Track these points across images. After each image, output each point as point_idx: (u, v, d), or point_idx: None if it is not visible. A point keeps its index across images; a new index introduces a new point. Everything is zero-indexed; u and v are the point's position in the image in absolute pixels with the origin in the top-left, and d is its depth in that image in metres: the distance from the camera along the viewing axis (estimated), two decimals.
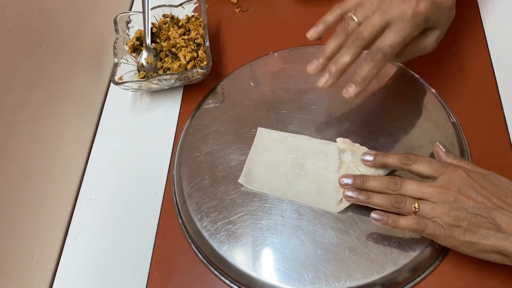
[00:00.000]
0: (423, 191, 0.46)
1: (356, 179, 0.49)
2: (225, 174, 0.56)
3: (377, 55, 0.49)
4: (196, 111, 0.63)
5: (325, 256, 0.48)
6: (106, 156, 0.63)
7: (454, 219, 0.43)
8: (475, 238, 0.43)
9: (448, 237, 0.44)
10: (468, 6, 0.67)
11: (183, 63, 0.63)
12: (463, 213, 0.43)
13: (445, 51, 0.63)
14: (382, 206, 0.47)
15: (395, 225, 0.46)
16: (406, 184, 0.46)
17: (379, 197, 0.47)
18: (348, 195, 0.49)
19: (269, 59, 0.66)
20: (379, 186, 0.48)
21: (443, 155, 0.50)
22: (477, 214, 0.43)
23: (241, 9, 0.74)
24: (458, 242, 0.43)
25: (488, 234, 0.42)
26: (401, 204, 0.46)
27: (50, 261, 0.56)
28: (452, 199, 0.44)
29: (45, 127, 0.56)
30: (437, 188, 0.45)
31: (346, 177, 0.50)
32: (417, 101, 0.58)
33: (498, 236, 0.42)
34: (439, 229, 0.44)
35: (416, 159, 0.48)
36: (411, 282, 0.48)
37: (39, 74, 0.55)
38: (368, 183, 0.48)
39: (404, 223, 0.45)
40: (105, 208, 0.58)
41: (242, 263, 0.50)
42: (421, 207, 0.45)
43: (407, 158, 0.48)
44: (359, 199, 0.48)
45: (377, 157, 0.50)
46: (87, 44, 0.66)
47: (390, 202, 0.46)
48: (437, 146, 0.51)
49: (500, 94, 0.58)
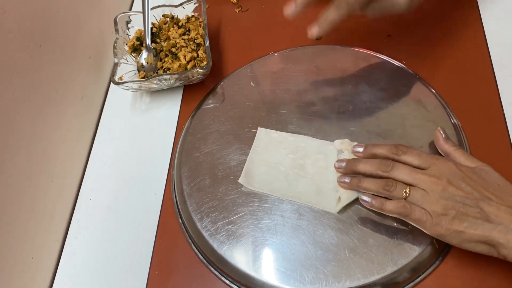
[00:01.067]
0: (414, 177, 0.46)
1: (348, 162, 0.51)
2: (225, 174, 0.56)
3: (341, 3, 0.51)
4: (196, 111, 0.63)
5: (325, 256, 0.48)
6: (106, 156, 0.63)
7: (443, 208, 0.43)
8: (462, 227, 0.43)
9: (434, 225, 0.44)
10: (468, 6, 0.67)
11: (183, 63, 0.63)
12: (451, 202, 0.43)
13: (445, 51, 0.63)
14: (372, 189, 0.48)
15: (381, 207, 0.47)
16: (398, 168, 0.47)
17: (369, 180, 0.48)
18: (341, 180, 0.50)
19: (269, 59, 0.66)
20: (371, 168, 0.49)
21: (442, 140, 0.50)
22: (466, 204, 0.43)
23: (241, 9, 0.74)
24: (445, 231, 0.43)
25: (476, 224, 0.42)
26: (391, 187, 0.46)
27: (50, 261, 0.56)
28: (441, 188, 0.44)
29: (45, 127, 0.56)
30: (428, 176, 0.45)
31: (340, 161, 0.52)
32: (417, 101, 0.58)
33: (485, 226, 0.42)
34: (426, 216, 0.44)
35: (406, 150, 0.48)
36: (411, 282, 0.48)
37: (39, 74, 0.55)
38: (360, 165, 0.50)
39: (391, 207, 0.46)
40: (105, 208, 0.58)
41: (242, 263, 0.50)
42: (412, 193, 0.45)
43: (397, 149, 0.48)
44: (352, 183, 0.49)
45: (367, 148, 0.51)
46: (87, 44, 0.66)
47: (381, 185, 0.47)
48: (438, 131, 0.51)
49: (500, 94, 0.58)
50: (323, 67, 0.63)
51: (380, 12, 0.53)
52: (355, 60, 0.63)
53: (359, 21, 0.68)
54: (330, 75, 0.62)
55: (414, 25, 0.66)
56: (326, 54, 0.64)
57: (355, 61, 0.63)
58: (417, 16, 0.67)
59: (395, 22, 0.67)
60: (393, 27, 0.67)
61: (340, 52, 0.64)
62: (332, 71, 0.62)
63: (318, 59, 0.64)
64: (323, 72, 0.62)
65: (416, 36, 0.65)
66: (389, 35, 0.66)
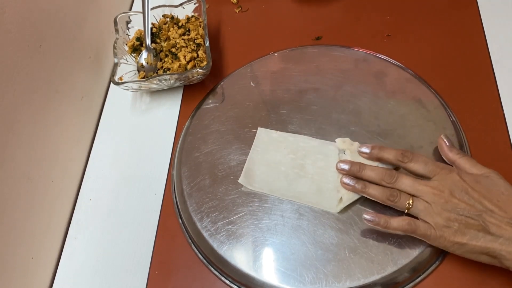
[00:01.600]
0: (417, 188, 0.46)
1: (353, 166, 0.50)
2: (225, 174, 0.56)
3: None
4: (196, 111, 0.63)
5: (325, 256, 0.48)
6: (106, 156, 0.63)
7: (445, 220, 0.44)
8: (465, 239, 0.43)
9: (438, 237, 0.44)
10: (468, 6, 0.67)
11: (183, 63, 0.63)
12: (454, 214, 0.44)
13: (445, 51, 0.63)
14: (377, 197, 0.48)
15: (386, 225, 0.46)
16: (402, 179, 0.47)
17: (375, 188, 0.48)
18: (345, 182, 0.50)
19: (269, 59, 0.66)
20: (375, 177, 0.48)
21: (446, 148, 0.50)
22: (468, 216, 0.43)
23: (241, 9, 0.74)
24: (449, 243, 0.44)
25: (478, 236, 0.43)
26: (396, 198, 0.46)
27: (50, 261, 0.56)
28: (444, 201, 0.44)
29: (45, 127, 0.56)
30: (431, 188, 0.46)
31: (343, 163, 0.51)
32: (417, 101, 0.58)
33: (487, 238, 0.43)
34: (430, 230, 0.45)
35: (412, 158, 0.48)
36: (411, 282, 0.48)
37: (39, 74, 0.55)
38: (365, 172, 0.49)
39: (396, 224, 0.46)
40: (105, 208, 0.58)
41: (242, 263, 0.50)
42: (415, 204, 0.46)
43: (403, 156, 0.48)
44: (356, 188, 0.49)
45: (374, 150, 0.50)
46: (87, 44, 0.66)
47: (386, 195, 0.47)
48: (441, 139, 0.51)
49: (500, 94, 0.58)
50: (323, 67, 0.63)
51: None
52: (355, 60, 0.63)
53: (359, 21, 0.68)
54: (330, 75, 0.62)
55: (414, 25, 0.66)
56: (326, 54, 0.64)
57: (355, 61, 0.63)
58: (417, 16, 0.67)
59: (395, 22, 0.67)
60: (393, 27, 0.67)
61: (340, 52, 0.64)
62: (332, 71, 0.62)
63: (318, 59, 0.64)
64: (323, 72, 0.62)
65: (416, 36, 0.65)
66: (388, 35, 0.66)
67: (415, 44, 0.65)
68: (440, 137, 0.51)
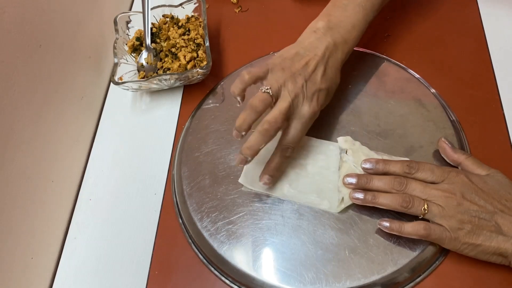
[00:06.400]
0: (429, 193, 0.46)
1: (360, 179, 0.49)
2: (225, 174, 0.56)
3: (287, 152, 0.51)
4: (196, 111, 0.63)
5: (325, 256, 0.48)
6: (106, 156, 0.63)
7: (459, 222, 0.44)
8: (479, 240, 0.44)
9: (453, 240, 0.45)
10: (468, 6, 0.67)
11: (183, 63, 0.63)
12: (467, 216, 0.44)
13: (445, 51, 0.63)
14: (389, 206, 0.47)
15: (401, 231, 0.46)
16: (411, 185, 0.47)
17: (385, 196, 0.47)
18: (355, 196, 0.49)
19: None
20: (384, 186, 0.48)
21: (450, 150, 0.50)
22: (481, 217, 0.44)
23: (241, 9, 0.74)
24: (462, 245, 0.44)
25: (491, 237, 0.43)
26: (409, 204, 0.46)
27: (50, 261, 0.56)
28: (456, 203, 0.45)
29: (45, 127, 0.56)
30: (442, 191, 0.46)
31: (350, 176, 0.50)
32: (417, 101, 0.58)
33: (499, 238, 0.43)
34: (445, 233, 0.45)
35: (418, 168, 0.48)
36: (411, 282, 0.48)
37: (39, 74, 0.55)
38: (373, 183, 0.48)
39: (410, 229, 0.46)
40: (105, 208, 0.58)
41: (242, 263, 0.50)
42: (430, 209, 0.45)
43: (409, 167, 0.48)
44: (366, 200, 0.48)
45: (379, 165, 0.50)
46: (87, 44, 0.66)
47: (398, 202, 0.46)
48: (443, 142, 0.51)
49: (500, 94, 0.58)
50: None
51: None
52: (355, 60, 0.63)
53: None
54: None
55: (414, 25, 0.66)
56: None
57: (355, 61, 0.63)
58: (417, 16, 0.67)
59: (395, 22, 0.67)
60: (393, 27, 0.67)
61: None
62: None
63: None
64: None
65: (416, 36, 0.65)
66: (388, 35, 0.66)
67: (415, 44, 0.65)
68: (441, 140, 0.51)
